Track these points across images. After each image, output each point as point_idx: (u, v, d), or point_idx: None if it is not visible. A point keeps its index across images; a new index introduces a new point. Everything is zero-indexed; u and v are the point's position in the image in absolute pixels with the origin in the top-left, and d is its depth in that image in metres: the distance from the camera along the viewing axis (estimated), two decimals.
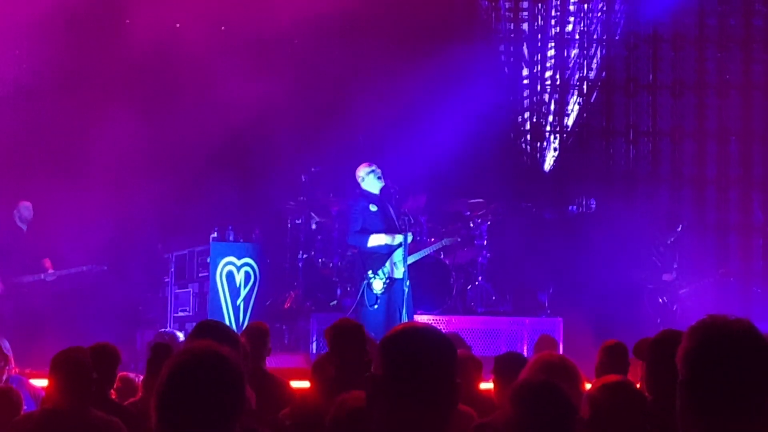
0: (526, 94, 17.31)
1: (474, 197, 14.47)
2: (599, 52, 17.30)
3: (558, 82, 17.27)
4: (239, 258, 13.97)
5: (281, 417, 5.94)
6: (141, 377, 7.66)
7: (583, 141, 17.34)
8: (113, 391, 6.67)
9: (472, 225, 14.11)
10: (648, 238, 15.00)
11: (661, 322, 13.96)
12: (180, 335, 12.61)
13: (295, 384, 7.98)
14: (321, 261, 14.17)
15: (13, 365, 8.28)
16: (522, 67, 17.27)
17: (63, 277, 13.76)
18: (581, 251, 15.22)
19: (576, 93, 17.28)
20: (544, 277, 15.20)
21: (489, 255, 14.23)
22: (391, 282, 11.79)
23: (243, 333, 7.75)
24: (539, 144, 17.24)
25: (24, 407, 6.74)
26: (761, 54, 17.35)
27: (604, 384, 4.54)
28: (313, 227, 14.35)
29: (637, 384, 5.30)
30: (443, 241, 13.22)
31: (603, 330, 12.31)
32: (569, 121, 17.26)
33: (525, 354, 10.51)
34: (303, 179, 14.61)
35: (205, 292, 13.96)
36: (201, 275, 14.20)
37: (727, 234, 17.18)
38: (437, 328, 3.10)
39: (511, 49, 17.27)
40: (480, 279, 14.16)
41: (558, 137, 17.24)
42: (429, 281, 13.29)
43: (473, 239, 14.11)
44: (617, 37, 17.27)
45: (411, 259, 12.11)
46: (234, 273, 13.89)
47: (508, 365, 6.32)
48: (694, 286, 14.88)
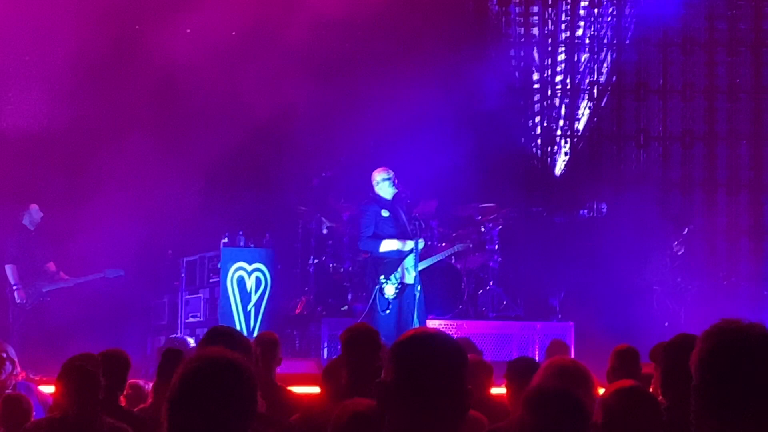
0: (536, 98, 17.30)
1: (485, 202, 14.46)
2: (610, 56, 17.28)
3: (569, 86, 17.26)
4: (250, 263, 13.94)
5: (291, 422, 5.92)
6: (151, 383, 7.63)
7: (594, 145, 17.32)
8: (122, 398, 6.65)
9: (483, 230, 14.08)
10: (657, 241, 14.97)
11: (669, 325, 13.95)
12: (191, 341, 12.66)
13: (306, 390, 7.96)
14: (332, 266, 14.13)
15: (20, 371, 8.26)
16: (533, 72, 17.26)
17: (82, 283, 13.74)
18: (592, 255, 15.17)
19: (587, 97, 17.26)
20: (555, 282, 15.17)
21: (500, 259, 14.21)
22: (403, 287, 11.77)
23: (253, 342, 7.70)
24: (550, 148, 17.23)
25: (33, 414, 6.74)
26: None
27: (617, 389, 4.53)
28: (324, 232, 14.31)
29: (650, 388, 5.28)
30: (455, 247, 13.19)
31: (614, 334, 12.27)
32: (580, 126, 17.24)
33: (537, 359, 10.48)
34: (314, 184, 14.60)
35: (216, 297, 13.95)
36: (212, 281, 14.19)
37: (738, 238, 17.15)
38: (447, 333, 3.09)
39: (522, 54, 17.26)
40: (491, 283, 14.14)
41: (569, 142, 17.22)
42: (440, 286, 13.26)
43: (484, 244, 14.08)
44: (627, 42, 17.25)
45: (422, 265, 12.08)
46: (245, 278, 13.86)
47: (520, 370, 6.29)
48: (703, 289, 14.85)
